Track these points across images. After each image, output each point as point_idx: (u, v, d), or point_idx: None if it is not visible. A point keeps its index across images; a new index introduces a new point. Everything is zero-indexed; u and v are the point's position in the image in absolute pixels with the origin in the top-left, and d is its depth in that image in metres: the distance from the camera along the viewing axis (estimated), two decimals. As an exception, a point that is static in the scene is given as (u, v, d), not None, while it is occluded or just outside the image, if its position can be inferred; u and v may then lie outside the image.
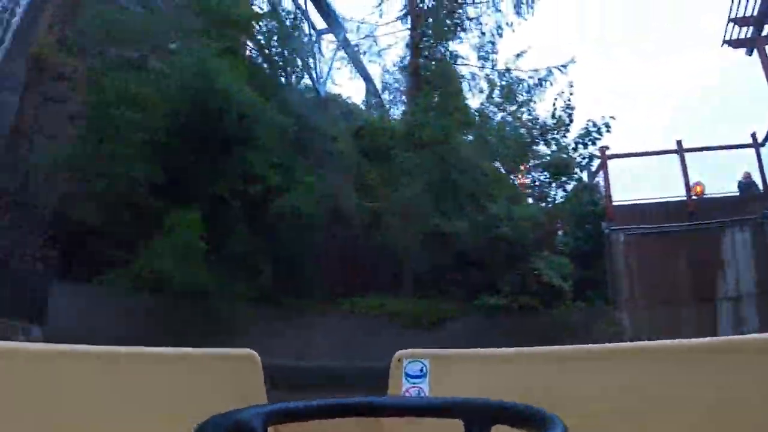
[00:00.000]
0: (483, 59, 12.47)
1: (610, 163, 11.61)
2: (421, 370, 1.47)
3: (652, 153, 11.80)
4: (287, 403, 0.76)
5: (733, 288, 10.56)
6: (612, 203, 11.28)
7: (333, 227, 9.87)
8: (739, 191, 11.53)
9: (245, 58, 11.00)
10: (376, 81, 14.39)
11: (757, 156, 11.31)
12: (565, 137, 11.48)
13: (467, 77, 12.64)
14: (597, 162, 11.89)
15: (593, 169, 12.07)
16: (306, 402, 0.78)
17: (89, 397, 1.14)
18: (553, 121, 11.52)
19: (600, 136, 11.40)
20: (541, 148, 11.53)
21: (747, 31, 12.78)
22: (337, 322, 9.54)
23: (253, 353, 1.47)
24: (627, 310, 10.89)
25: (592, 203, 11.26)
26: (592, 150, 11.54)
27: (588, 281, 10.77)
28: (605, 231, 11.15)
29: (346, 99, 12.16)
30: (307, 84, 11.92)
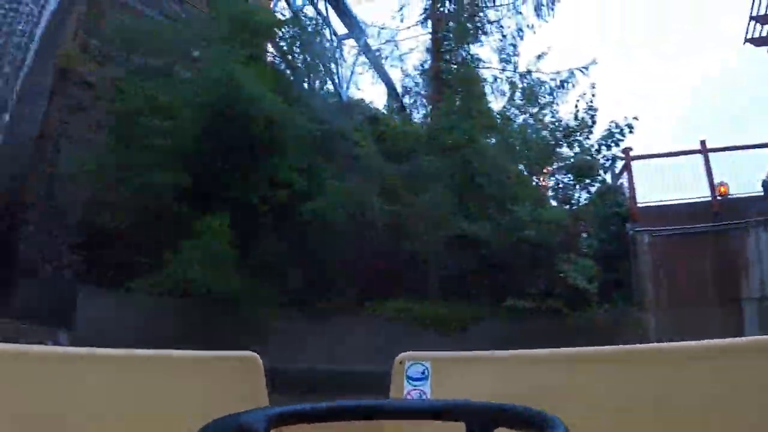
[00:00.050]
0: (504, 62, 12.47)
1: (633, 164, 11.57)
2: (423, 372, 1.47)
3: (675, 153, 11.72)
4: (289, 406, 0.76)
5: (758, 288, 10.44)
6: (636, 204, 11.21)
7: (359, 231, 9.90)
8: (764, 191, 11.41)
9: (268, 64, 11.08)
10: (396, 85, 14.48)
11: (782, 155, 11.23)
12: (588, 139, 11.40)
13: (489, 80, 12.66)
14: (620, 163, 11.83)
15: (617, 171, 12.00)
16: (308, 405, 0.78)
17: (90, 399, 1.14)
18: (576, 123, 11.45)
19: (623, 137, 11.32)
20: (564, 150, 11.47)
21: (769, 29, 12.67)
22: (364, 326, 9.55)
23: (255, 355, 1.44)
24: (652, 311, 10.82)
25: (616, 205, 11.19)
26: (615, 151, 11.49)
27: (613, 283, 10.70)
28: (630, 232, 11.08)
29: (368, 104, 12.24)
30: (330, 89, 11.99)
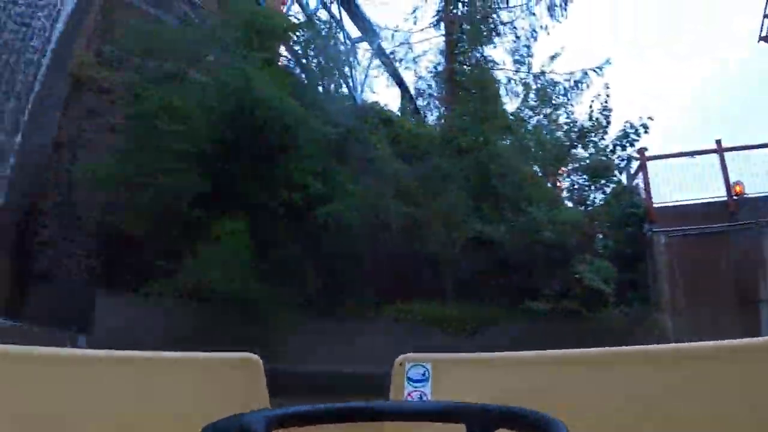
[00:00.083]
0: (518, 63, 12.47)
1: (649, 165, 11.52)
2: (424, 374, 1.46)
3: (690, 153, 11.65)
4: (289, 408, 0.76)
5: (776, 289, 10.40)
6: (653, 205, 11.17)
7: (375, 234, 9.90)
8: (781, 189, 11.35)
9: (283, 68, 11.11)
10: (410, 87, 14.46)
11: (797, 154, 11.16)
12: (603, 139, 11.39)
13: (503, 81, 12.65)
14: (636, 164, 11.79)
15: (632, 171, 11.96)
16: (308, 406, 0.78)
17: (91, 401, 1.14)
18: (591, 124, 11.43)
19: (638, 137, 11.30)
20: (579, 151, 11.46)
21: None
22: (381, 328, 9.53)
23: (256, 357, 1.43)
24: (669, 312, 10.76)
25: (632, 205, 11.15)
26: (630, 152, 11.46)
27: (630, 284, 10.66)
28: (646, 233, 11.04)
29: (383, 106, 12.25)
30: (344, 92, 12.02)
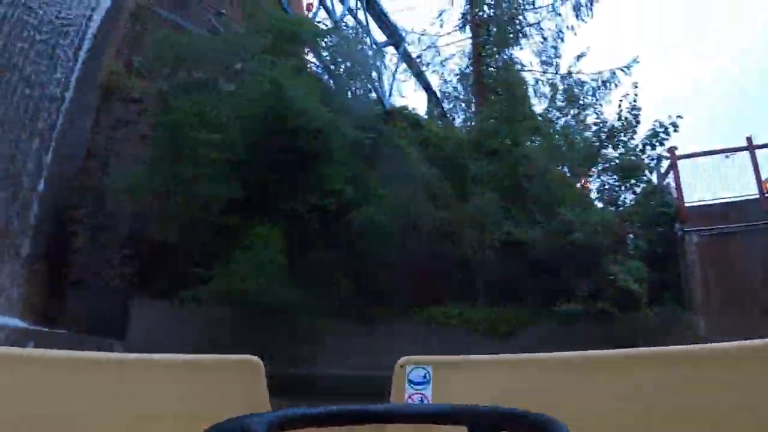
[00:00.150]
0: (546, 64, 12.41)
1: (679, 164, 11.40)
2: (425, 376, 1.45)
3: (721, 151, 11.50)
4: (290, 410, 0.76)
5: (810, 287, 10.23)
6: (684, 204, 11.05)
7: (407, 238, 9.93)
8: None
9: (312, 74, 11.19)
10: (436, 91, 14.45)
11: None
12: (633, 139, 11.28)
13: (530, 83, 12.60)
14: (666, 163, 11.67)
15: (662, 171, 11.84)
16: (309, 409, 0.78)
17: (93, 402, 1.15)
18: (620, 124, 11.34)
19: (668, 136, 11.17)
20: (609, 151, 11.36)
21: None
22: (415, 332, 9.56)
23: (256, 359, 1.42)
24: (701, 312, 10.63)
25: (663, 205, 11.03)
26: (660, 151, 11.36)
27: (662, 284, 10.54)
28: (678, 233, 10.92)
29: (411, 110, 12.27)
30: (373, 97, 12.07)
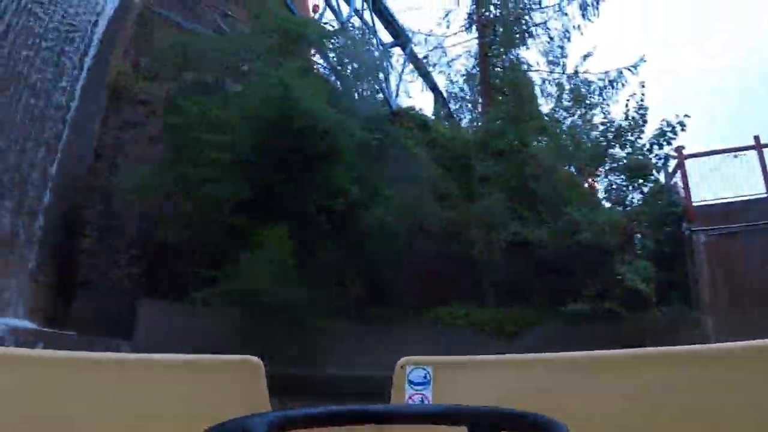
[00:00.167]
0: (552, 64, 12.40)
1: (686, 163, 11.36)
2: (425, 377, 1.45)
3: (729, 150, 11.45)
4: (290, 410, 0.76)
5: (817, 286, 10.19)
6: (692, 204, 11.02)
7: (414, 238, 9.94)
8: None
9: (319, 75, 11.22)
10: (442, 91, 14.44)
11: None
12: (640, 138, 11.25)
13: (537, 83, 12.58)
14: (673, 163, 11.64)
15: (670, 170, 11.81)
16: (310, 409, 0.78)
17: (93, 402, 1.15)
18: (627, 123, 11.32)
19: (675, 135, 11.13)
20: (616, 150, 11.33)
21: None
22: (423, 332, 9.57)
23: (256, 359, 1.41)
24: (710, 312, 10.60)
25: (671, 204, 11.01)
26: (667, 150, 11.32)
27: (669, 284, 10.52)
28: (685, 232, 10.90)
29: (418, 110, 12.29)
30: (379, 98, 12.08)
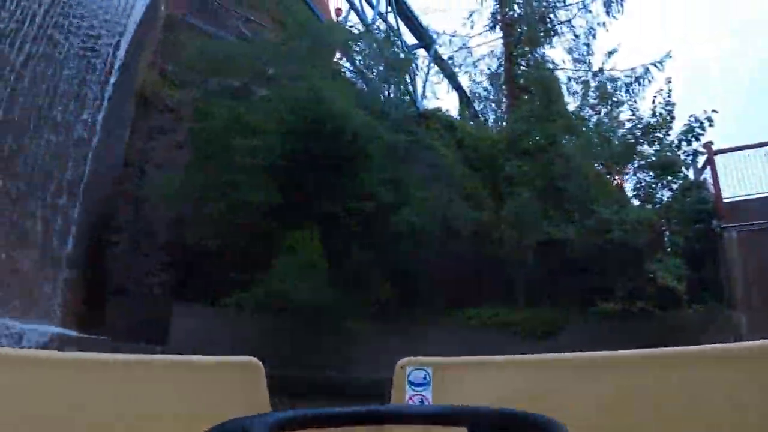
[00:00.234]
0: (578, 62, 12.33)
1: (716, 159, 11.24)
2: (425, 377, 1.46)
3: (759, 145, 11.29)
4: (290, 411, 0.76)
5: None
6: (722, 200, 10.89)
7: (444, 239, 9.96)
8: None
9: (346, 78, 11.29)
10: (467, 92, 14.44)
11: None
12: (668, 135, 11.17)
13: (563, 81, 12.51)
14: (702, 159, 11.52)
15: (699, 167, 11.69)
16: (310, 410, 0.78)
17: (93, 404, 1.15)
18: (655, 120, 11.23)
19: (703, 131, 11.03)
20: (644, 147, 11.24)
21: None
22: (454, 333, 9.57)
23: (256, 361, 1.41)
24: (743, 309, 10.47)
25: (700, 201, 10.89)
26: (696, 146, 11.21)
27: (700, 282, 10.40)
28: (717, 229, 10.78)
29: (444, 112, 12.33)
30: (407, 100, 12.12)
